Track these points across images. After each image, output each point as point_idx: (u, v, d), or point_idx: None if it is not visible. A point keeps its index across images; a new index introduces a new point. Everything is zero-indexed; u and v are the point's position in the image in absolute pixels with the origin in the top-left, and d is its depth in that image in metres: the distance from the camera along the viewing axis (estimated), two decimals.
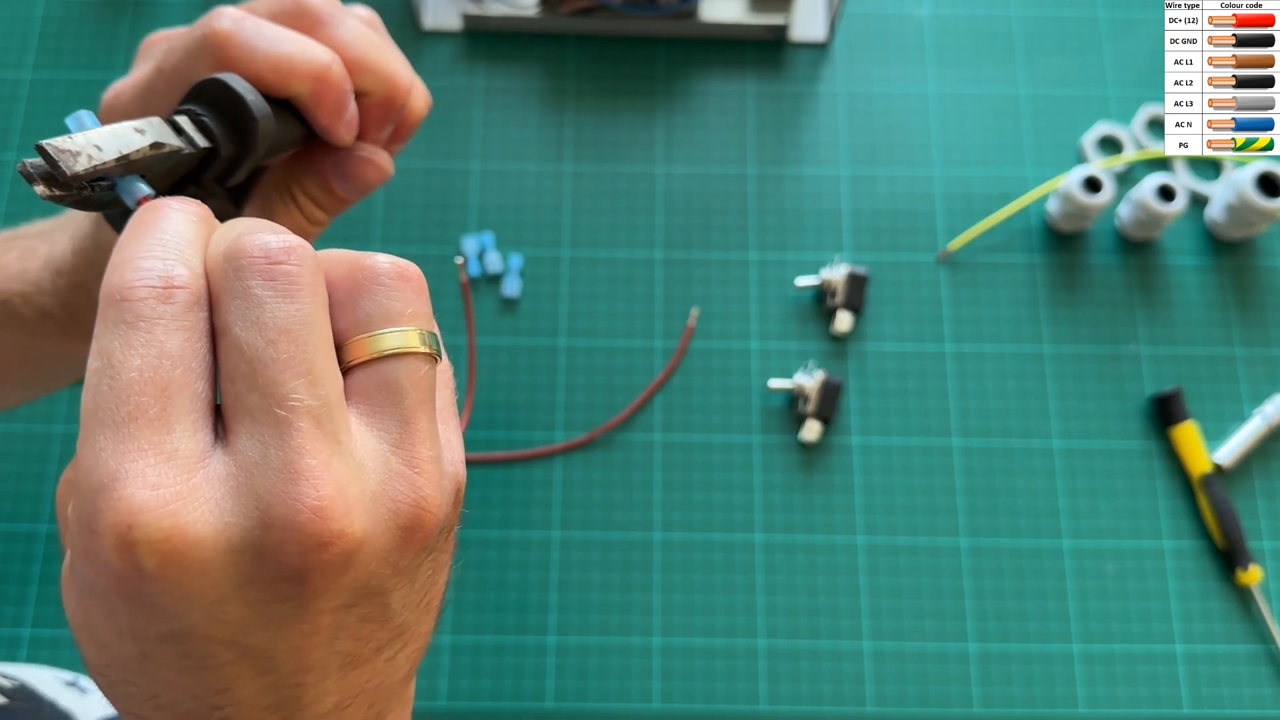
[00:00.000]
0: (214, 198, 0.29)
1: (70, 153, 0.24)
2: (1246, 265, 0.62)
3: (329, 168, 0.35)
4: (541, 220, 0.62)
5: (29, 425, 0.57)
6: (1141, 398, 0.59)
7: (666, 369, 0.59)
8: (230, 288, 0.22)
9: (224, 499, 0.21)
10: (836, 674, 0.54)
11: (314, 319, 0.22)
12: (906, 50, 0.66)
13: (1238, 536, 0.55)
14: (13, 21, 0.65)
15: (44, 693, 0.42)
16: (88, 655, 0.23)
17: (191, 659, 0.22)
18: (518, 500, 0.57)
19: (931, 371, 0.59)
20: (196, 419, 0.21)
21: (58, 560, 0.55)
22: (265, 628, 0.22)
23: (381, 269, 0.24)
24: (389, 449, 0.23)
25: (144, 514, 0.20)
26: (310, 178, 0.35)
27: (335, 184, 0.35)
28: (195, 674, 0.22)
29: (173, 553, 0.20)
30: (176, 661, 0.22)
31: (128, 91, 0.32)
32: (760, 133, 0.64)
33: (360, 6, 0.34)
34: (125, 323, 0.21)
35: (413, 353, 0.24)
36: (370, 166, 0.35)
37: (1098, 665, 0.55)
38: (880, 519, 0.57)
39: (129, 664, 0.22)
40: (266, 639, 0.22)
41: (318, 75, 0.30)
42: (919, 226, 0.62)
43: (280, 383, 0.21)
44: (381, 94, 0.33)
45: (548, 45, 0.65)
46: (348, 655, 0.23)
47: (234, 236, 0.23)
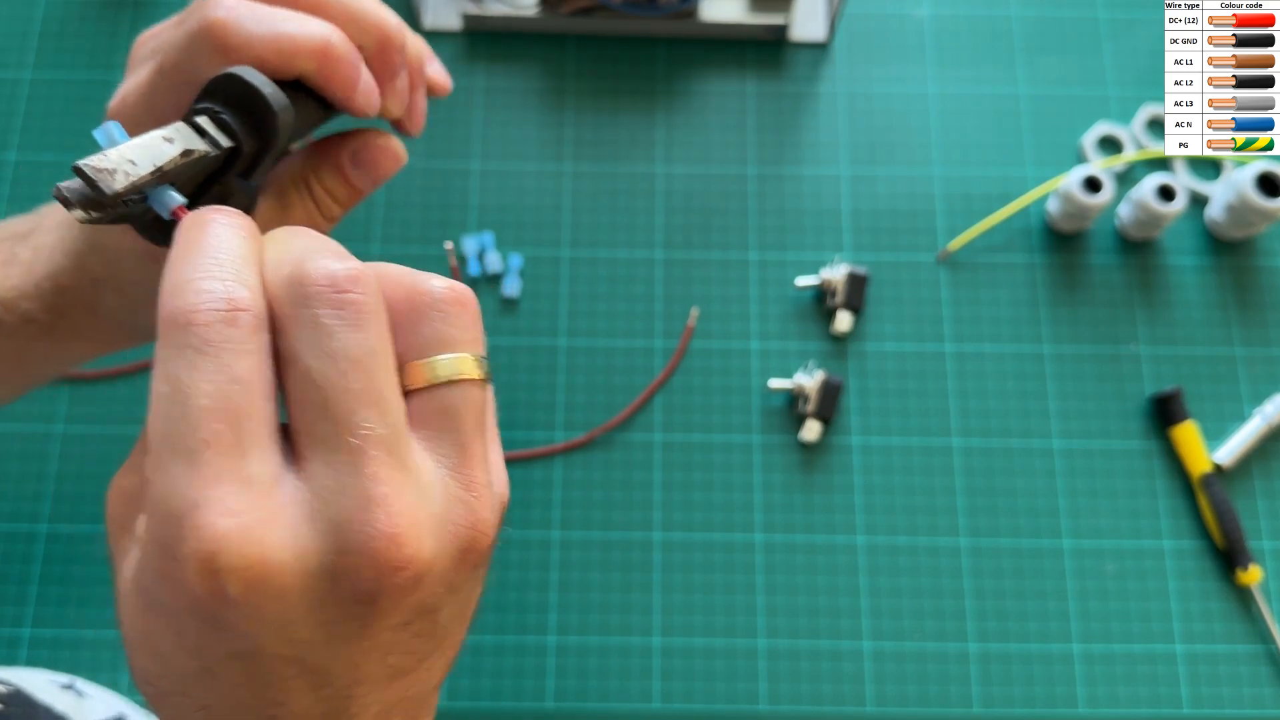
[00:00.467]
0: (236, 194, 0.28)
1: (108, 171, 0.23)
2: (1246, 265, 0.61)
3: (345, 158, 0.34)
4: (541, 220, 0.62)
5: (28, 425, 0.57)
6: (1141, 398, 0.59)
7: (667, 369, 0.59)
8: (297, 315, 0.22)
9: (300, 524, 0.21)
10: (836, 674, 0.54)
11: (381, 348, 0.23)
12: (906, 50, 0.66)
13: (1238, 536, 0.55)
14: (12, 21, 0.65)
15: (39, 698, 0.42)
16: (143, 666, 0.24)
17: (254, 675, 0.22)
18: (518, 500, 0.57)
19: (931, 371, 0.59)
20: (267, 443, 0.22)
21: (58, 560, 0.55)
22: (328, 645, 0.22)
23: (439, 294, 0.24)
24: (448, 473, 0.23)
25: (227, 541, 0.20)
26: (327, 169, 0.34)
27: (351, 174, 0.34)
28: (254, 689, 0.22)
29: (255, 580, 0.20)
30: (238, 678, 0.22)
31: (131, 96, 0.31)
32: (760, 133, 0.64)
33: None
34: (192, 348, 0.21)
35: (469, 379, 0.24)
36: (386, 154, 0.35)
37: (1098, 665, 0.54)
38: (880, 519, 0.57)
39: (187, 678, 0.23)
40: (328, 656, 0.22)
41: (321, 50, 0.29)
42: (919, 226, 0.62)
43: (353, 412, 0.21)
44: (373, 45, 0.32)
45: (548, 45, 0.65)
46: (396, 668, 0.24)
47: (295, 260, 0.23)
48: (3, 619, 0.54)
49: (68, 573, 0.55)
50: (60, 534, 0.55)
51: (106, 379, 0.58)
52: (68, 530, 0.55)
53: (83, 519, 0.56)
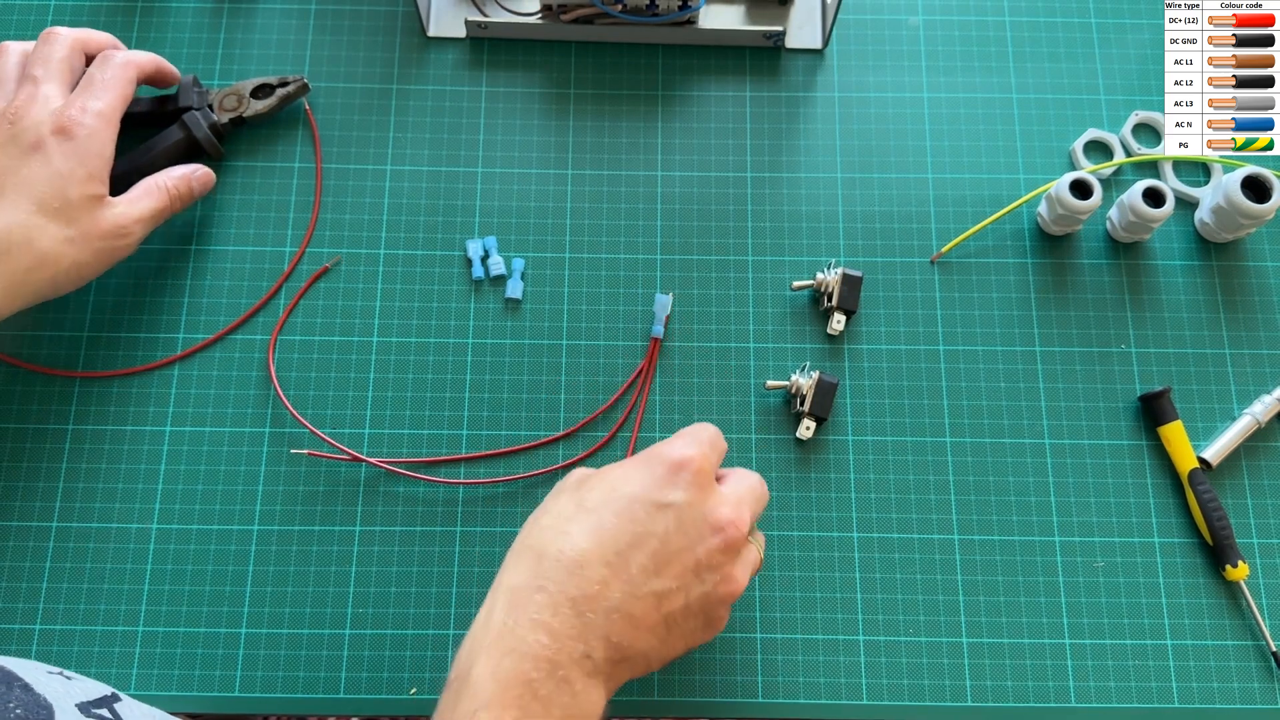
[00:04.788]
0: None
1: None
2: (1234, 267, 0.60)
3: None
4: (544, 224, 0.60)
5: (37, 423, 0.55)
6: (1131, 397, 0.57)
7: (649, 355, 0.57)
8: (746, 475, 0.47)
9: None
10: (832, 667, 0.53)
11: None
12: (900, 57, 0.64)
13: (1226, 534, 0.53)
14: (23, 27, 0.63)
15: (20, 675, 0.40)
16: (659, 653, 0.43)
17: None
18: (520, 498, 0.55)
19: (925, 371, 0.58)
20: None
21: (68, 557, 0.53)
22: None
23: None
24: None
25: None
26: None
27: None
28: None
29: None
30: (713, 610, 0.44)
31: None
32: (757, 138, 0.62)
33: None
34: (684, 481, 0.43)
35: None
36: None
37: (1089, 659, 0.53)
38: (874, 515, 0.55)
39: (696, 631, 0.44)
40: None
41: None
42: (912, 229, 0.60)
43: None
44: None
45: (550, 52, 0.64)
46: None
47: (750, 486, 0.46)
48: (13, 615, 0.52)
49: (77, 568, 0.53)
50: (70, 530, 0.54)
51: (114, 378, 0.57)
52: (77, 527, 0.54)
53: (91, 516, 0.54)
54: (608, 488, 0.43)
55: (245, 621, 0.53)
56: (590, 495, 0.43)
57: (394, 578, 0.54)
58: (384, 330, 0.58)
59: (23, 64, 0.54)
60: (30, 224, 0.49)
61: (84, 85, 0.53)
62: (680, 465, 0.43)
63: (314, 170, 0.61)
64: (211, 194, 0.60)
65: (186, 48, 0.63)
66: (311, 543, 0.54)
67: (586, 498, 0.43)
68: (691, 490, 0.42)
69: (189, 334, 0.57)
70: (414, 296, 0.58)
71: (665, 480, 0.42)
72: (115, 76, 0.54)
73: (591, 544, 0.40)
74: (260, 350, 0.57)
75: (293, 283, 0.58)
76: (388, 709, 0.52)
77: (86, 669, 0.51)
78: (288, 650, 0.52)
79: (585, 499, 0.43)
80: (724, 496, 0.44)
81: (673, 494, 0.42)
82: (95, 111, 0.52)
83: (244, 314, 0.58)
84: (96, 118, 0.52)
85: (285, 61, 0.63)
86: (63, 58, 0.54)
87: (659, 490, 0.42)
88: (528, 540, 0.42)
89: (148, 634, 0.52)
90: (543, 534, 0.42)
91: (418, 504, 0.55)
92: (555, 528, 0.42)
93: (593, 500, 0.42)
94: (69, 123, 0.51)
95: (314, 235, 0.59)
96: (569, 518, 0.42)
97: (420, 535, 0.54)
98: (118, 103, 0.53)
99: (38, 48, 0.54)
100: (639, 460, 0.44)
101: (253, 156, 0.61)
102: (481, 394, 0.57)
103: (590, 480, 0.44)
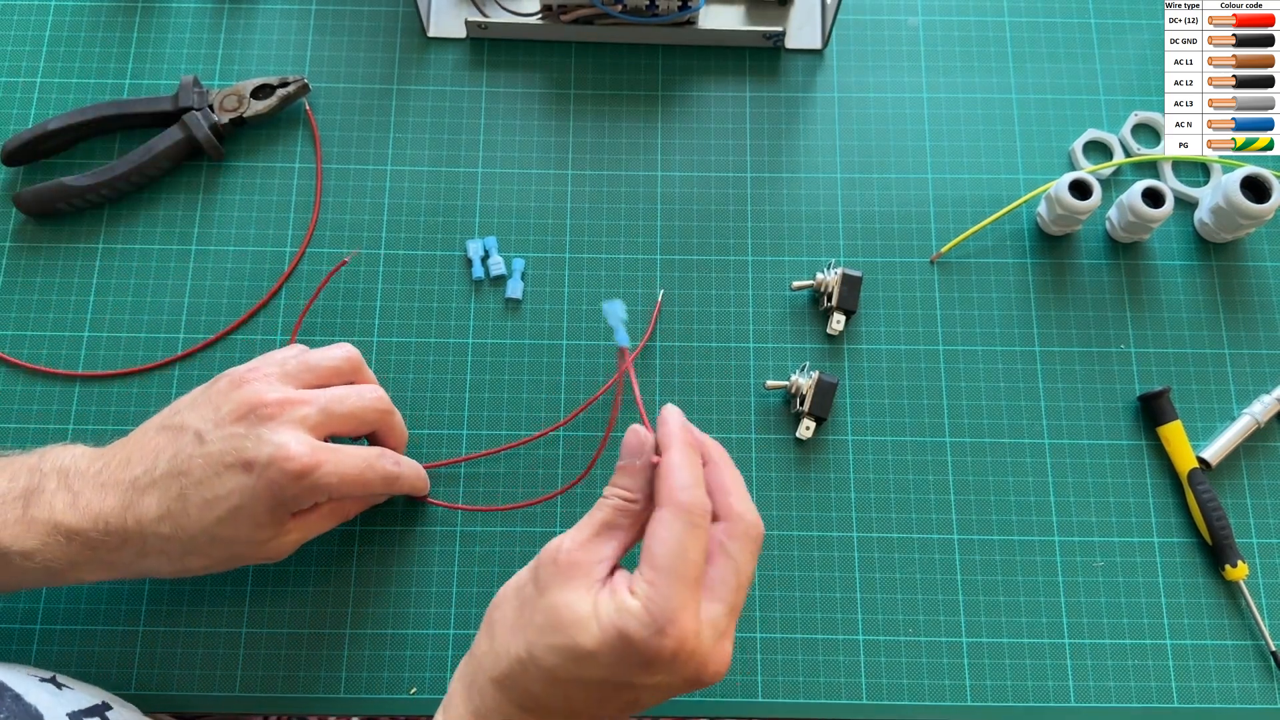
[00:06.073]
0: None
1: None
2: (1233, 267, 0.59)
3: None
4: (544, 224, 0.60)
5: (38, 424, 0.55)
6: (1130, 397, 0.57)
7: (643, 338, 0.57)
8: (740, 534, 0.40)
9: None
10: (832, 667, 0.52)
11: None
12: (900, 57, 0.64)
13: (1226, 534, 0.53)
14: (24, 28, 0.63)
15: (10, 685, 0.40)
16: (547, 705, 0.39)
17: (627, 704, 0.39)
18: (520, 498, 0.55)
19: (924, 371, 0.57)
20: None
21: None
22: None
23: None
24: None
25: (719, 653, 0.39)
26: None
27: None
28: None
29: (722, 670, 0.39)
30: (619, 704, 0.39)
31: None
32: (757, 138, 0.62)
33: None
34: (698, 527, 0.38)
35: None
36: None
37: (1089, 658, 0.52)
38: (874, 515, 0.55)
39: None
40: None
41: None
42: (912, 229, 0.60)
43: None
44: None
45: (550, 52, 0.63)
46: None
47: (747, 513, 0.40)
48: (13, 615, 0.52)
49: None
50: None
51: (115, 378, 0.56)
52: None
53: None
54: None
55: (245, 621, 0.52)
56: None
57: (394, 578, 0.53)
58: (384, 330, 0.57)
59: (334, 376, 0.48)
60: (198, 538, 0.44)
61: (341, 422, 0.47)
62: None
63: (314, 170, 0.60)
64: (211, 194, 0.60)
65: (186, 48, 0.62)
66: (311, 542, 0.53)
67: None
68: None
69: (189, 334, 0.57)
70: (414, 296, 0.58)
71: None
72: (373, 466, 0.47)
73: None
74: (262, 350, 0.57)
75: (294, 282, 0.58)
76: (388, 709, 0.51)
77: (86, 669, 0.51)
78: (288, 650, 0.52)
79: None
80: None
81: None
82: (338, 475, 0.45)
83: (244, 314, 0.57)
84: (338, 480, 0.45)
85: (285, 62, 0.62)
86: (347, 414, 0.47)
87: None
88: None
89: (148, 634, 0.52)
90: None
91: (418, 503, 0.54)
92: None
93: None
94: (310, 469, 0.44)
95: (314, 235, 0.59)
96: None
97: (420, 535, 0.54)
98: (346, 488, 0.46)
99: (350, 394, 0.47)
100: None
101: (253, 157, 0.60)
102: (481, 394, 0.56)
103: None
